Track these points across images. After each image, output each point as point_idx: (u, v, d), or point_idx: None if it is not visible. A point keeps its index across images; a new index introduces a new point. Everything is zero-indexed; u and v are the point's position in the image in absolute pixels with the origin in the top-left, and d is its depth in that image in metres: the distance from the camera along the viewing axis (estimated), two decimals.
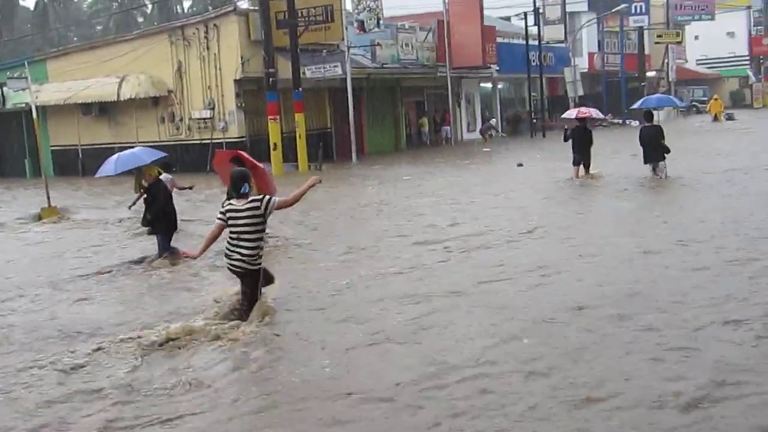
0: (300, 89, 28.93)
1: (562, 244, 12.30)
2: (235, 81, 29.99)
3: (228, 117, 30.31)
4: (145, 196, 13.06)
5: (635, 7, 51.55)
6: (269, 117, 28.37)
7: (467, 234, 13.45)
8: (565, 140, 21.65)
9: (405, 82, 37.95)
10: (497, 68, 42.35)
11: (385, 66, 35.02)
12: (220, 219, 8.84)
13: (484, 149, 34.28)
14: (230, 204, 8.79)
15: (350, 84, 30.62)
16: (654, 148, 19.82)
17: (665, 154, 19.80)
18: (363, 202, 19.12)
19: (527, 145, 36.74)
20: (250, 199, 8.76)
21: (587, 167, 21.25)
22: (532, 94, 45.38)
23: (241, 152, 12.86)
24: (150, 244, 13.39)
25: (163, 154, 14.22)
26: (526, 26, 43.59)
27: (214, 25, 30.27)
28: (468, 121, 43.51)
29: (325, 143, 31.92)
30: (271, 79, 28.21)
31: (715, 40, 73.29)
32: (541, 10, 45.59)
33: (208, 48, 30.25)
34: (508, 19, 50.68)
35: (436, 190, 20.11)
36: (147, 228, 13.73)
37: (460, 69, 39.34)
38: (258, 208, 8.65)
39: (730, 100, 71.49)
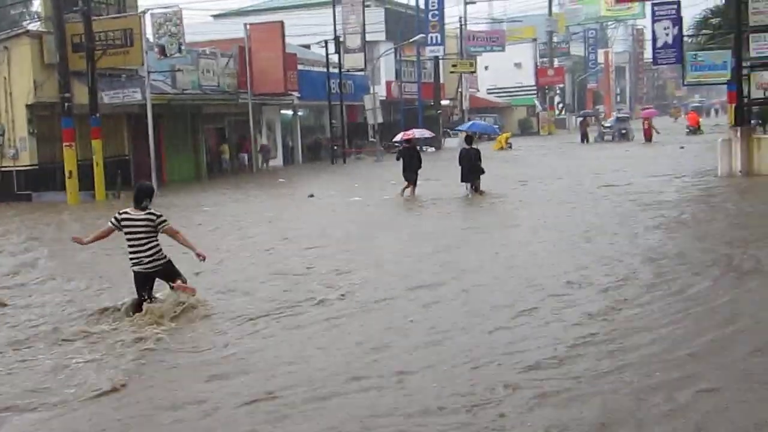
0: (97, 115, 28.01)
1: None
2: (27, 106, 28.68)
3: (19, 144, 28.92)
4: None
5: (431, 38, 53.11)
6: (64, 143, 27.28)
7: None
8: (397, 159, 24.39)
9: (206, 108, 37.46)
10: (298, 95, 42.56)
11: (185, 92, 34.49)
12: (112, 224, 10.21)
13: (280, 179, 33.50)
14: (126, 213, 10.15)
15: (150, 110, 29.90)
16: (471, 168, 22.66)
17: (480, 174, 22.75)
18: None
19: (326, 173, 37.04)
20: (148, 211, 10.08)
21: (414, 186, 23.62)
22: (333, 121, 45.87)
23: None
24: None
25: None
26: (327, 54, 44.13)
27: (5, 47, 28.81)
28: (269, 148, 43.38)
29: (124, 171, 31.00)
30: (66, 104, 27.21)
31: (504, 71, 76.81)
32: (341, 39, 46.22)
33: None
34: (308, 46, 51.10)
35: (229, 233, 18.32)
36: None
37: (261, 96, 39.26)
38: (152, 220, 10.04)
39: (519, 128, 74.97)
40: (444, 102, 59.22)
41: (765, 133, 29.83)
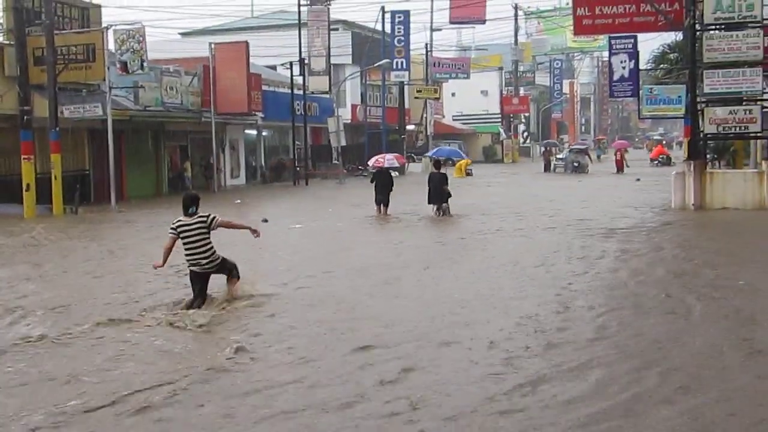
0: (57, 129, 27.98)
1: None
2: None
3: None
4: None
5: (396, 63, 53.56)
6: (23, 156, 27.18)
7: None
8: (371, 182, 25.59)
9: (168, 125, 37.46)
10: (262, 116, 42.68)
11: (148, 109, 34.49)
12: (171, 233, 11.26)
13: (236, 201, 32.41)
14: (180, 221, 11.20)
15: (111, 126, 29.86)
16: (438, 191, 23.72)
17: (447, 198, 23.78)
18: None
19: (288, 194, 37.01)
20: (198, 215, 11.20)
21: (386, 207, 24.83)
22: (297, 142, 46.01)
23: None
24: None
25: None
26: (292, 76, 44.34)
27: None
28: (232, 168, 43.43)
29: (83, 186, 30.95)
30: (25, 117, 27.13)
31: (470, 98, 77.43)
32: (306, 61, 46.46)
33: None
34: (273, 67, 51.30)
35: None
36: None
37: (225, 115, 39.32)
38: (204, 222, 11.17)
39: (483, 155, 75.47)
40: (409, 127, 59.62)
41: (719, 168, 30.43)
